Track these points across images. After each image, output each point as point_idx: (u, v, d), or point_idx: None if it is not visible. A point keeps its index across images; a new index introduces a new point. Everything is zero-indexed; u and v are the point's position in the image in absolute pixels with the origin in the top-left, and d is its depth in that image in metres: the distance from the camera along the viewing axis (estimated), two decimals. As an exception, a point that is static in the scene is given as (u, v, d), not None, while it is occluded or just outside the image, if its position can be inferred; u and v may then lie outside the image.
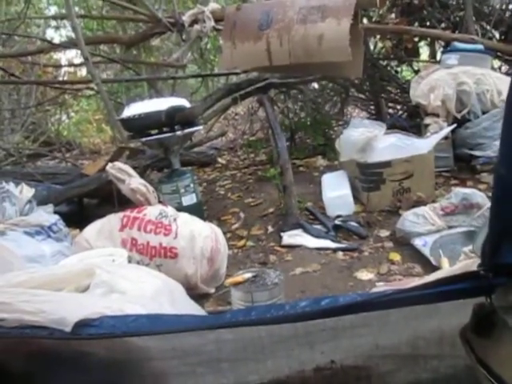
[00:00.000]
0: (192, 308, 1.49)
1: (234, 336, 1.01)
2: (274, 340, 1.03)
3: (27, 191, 2.00)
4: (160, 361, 1.09)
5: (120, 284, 1.28)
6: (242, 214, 2.90)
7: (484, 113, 3.07)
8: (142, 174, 3.19)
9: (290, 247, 2.32)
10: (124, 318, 1.00)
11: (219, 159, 4.72)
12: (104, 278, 1.25)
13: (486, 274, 0.82)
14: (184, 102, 2.41)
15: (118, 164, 2.02)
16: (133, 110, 2.30)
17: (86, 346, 1.08)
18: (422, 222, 2.16)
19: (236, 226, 2.77)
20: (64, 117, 7.41)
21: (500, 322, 0.84)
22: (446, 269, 1.52)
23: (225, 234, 2.63)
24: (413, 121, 3.86)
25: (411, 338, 1.05)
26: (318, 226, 2.46)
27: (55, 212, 2.55)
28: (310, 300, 0.92)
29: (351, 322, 0.99)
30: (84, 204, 3.54)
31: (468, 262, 1.25)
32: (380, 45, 4.43)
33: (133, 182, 1.95)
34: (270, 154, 3.88)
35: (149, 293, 1.28)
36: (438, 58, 4.21)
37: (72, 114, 7.89)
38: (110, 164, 2.02)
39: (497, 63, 4.41)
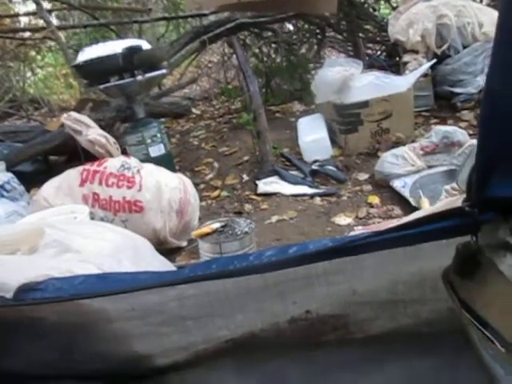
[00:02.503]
0: (160, 263, 1.40)
1: (197, 291, 0.92)
2: (241, 293, 0.94)
3: (-25, 148, 1.82)
4: (120, 322, 1.00)
5: (75, 242, 1.16)
6: (216, 164, 2.78)
7: (465, 47, 2.93)
8: (110, 127, 3.01)
9: (266, 195, 2.23)
10: (71, 279, 0.90)
11: (193, 109, 4.52)
12: (55, 237, 1.13)
13: (472, 209, 0.73)
14: (143, 43, 2.20)
15: (73, 114, 1.85)
16: (87, 54, 2.10)
17: (37, 311, 0.99)
18: (402, 163, 2.07)
19: (210, 176, 2.66)
20: (29, 73, 7.04)
21: (486, 261, 0.76)
22: (427, 208, 1.45)
23: (199, 184, 2.54)
24: (392, 60, 3.71)
25: (390, 283, 0.97)
26: (295, 172, 2.36)
27: (18, 171, 2.39)
28: (276, 249, 0.83)
29: (324, 269, 0.91)
30: (50, 162, 3.37)
31: (450, 199, 1.16)
32: (356, -20, 4.18)
33: (91, 132, 1.79)
34: (245, 101, 3.71)
35: (107, 250, 1.18)
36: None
37: (38, 71, 7.49)
38: (65, 115, 1.85)
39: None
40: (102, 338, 1.02)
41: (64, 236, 1.17)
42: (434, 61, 2.79)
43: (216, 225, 1.45)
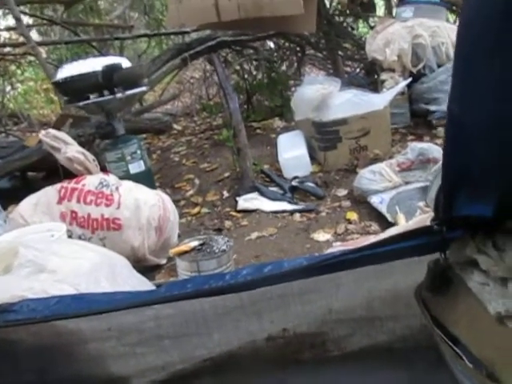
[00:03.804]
0: (137, 282, 1.39)
1: (174, 311, 0.93)
2: (217, 312, 0.94)
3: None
4: (95, 343, 0.99)
5: (51, 262, 1.15)
6: (196, 181, 2.78)
7: (439, 66, 3.02)
8: (89, 144, 3.00)
9: (246, 212, 2.23)
10: (46, 300, 0.89)
11: (175, 125, 4.52)
12: (30, 257, 1.12)
13: (440, 228, 0.75)
14: (123, 61, 2.21)
15: (52, 131, 1.84)
16: (66, 71, 2.09)
17: (11, 334, 0.97)
18: (379, 179, 2.11)
19: (191, 192, 2.65)
20: (8, 87, 6.96)
21: (456, 278, 0.78)
22: (401, 225, 1.47)
23: (179, 201, 2.53)
24: (370, 78, 3.79)
25: (366, 300, 0.99)
26: (275, 189, 2.38)
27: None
28: (252, 267, 0.83)
29: (300, 287, 0.92)
30: (29, 178, 3.33)
31: (423, 216, 1.19)
32: (335, 0, 4.28)
33: (69, 150, 1.78)
34: (226, 117, 3.74)
35: (84, 269, 1.17)
36: (394, 13, 4.11)
37: (18, 85, 7.40)
38: (43, 132, 1.84)
39: (452, 17, 4.36)
40: (78, 359, 1.00)
41: (39, 255, 1.16)
42: (410, 79, 2.86)
43: (194, 243, 1.45)
